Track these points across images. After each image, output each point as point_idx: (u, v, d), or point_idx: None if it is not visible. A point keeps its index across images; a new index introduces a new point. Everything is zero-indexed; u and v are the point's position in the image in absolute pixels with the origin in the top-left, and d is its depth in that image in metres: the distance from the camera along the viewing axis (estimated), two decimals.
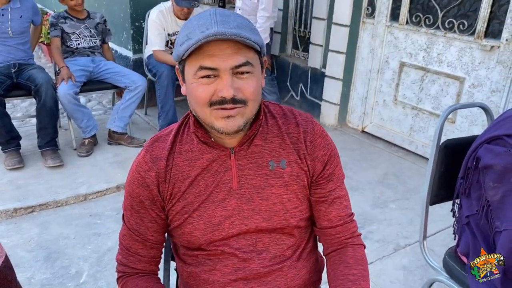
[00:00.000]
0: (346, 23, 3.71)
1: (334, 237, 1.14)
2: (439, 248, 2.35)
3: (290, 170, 1.05)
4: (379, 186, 3.08)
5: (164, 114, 3.58)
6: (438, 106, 3.31)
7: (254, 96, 0.97)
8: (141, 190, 1.05)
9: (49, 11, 6.37)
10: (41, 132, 3.17)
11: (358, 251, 1.13)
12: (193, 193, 1.04)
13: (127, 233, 1.10)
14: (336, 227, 1.12)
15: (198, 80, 0.94)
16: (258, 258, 1.07)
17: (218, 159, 1.04)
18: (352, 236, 1.15)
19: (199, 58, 0.93)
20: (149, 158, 1.05)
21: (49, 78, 3.18)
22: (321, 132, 1.10)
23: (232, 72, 0.93)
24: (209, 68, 0.93)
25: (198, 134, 1.04)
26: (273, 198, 1.05)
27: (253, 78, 0.96)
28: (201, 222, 1.04)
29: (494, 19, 2.90)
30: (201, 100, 0.95)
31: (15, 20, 3.23)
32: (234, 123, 0.96)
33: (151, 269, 1.14)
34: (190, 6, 3.34)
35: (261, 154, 1.05)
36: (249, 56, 0.95)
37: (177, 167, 1.04)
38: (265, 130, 1.06)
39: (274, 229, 1.06)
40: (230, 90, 0.92)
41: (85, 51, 3.52)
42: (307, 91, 4.29)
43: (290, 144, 1.06)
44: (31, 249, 2.37)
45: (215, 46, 0.91)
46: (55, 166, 3.12)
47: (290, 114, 1.11)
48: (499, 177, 1.21)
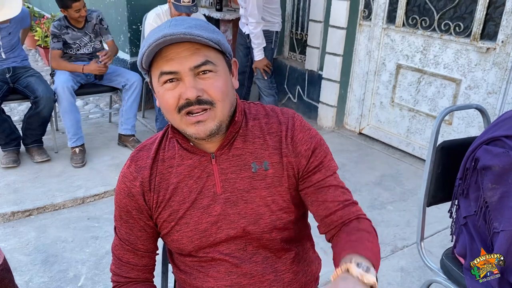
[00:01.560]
0: (342, 26, 3.72)
1: (337, 223, 1.04)
2: (436, 249, 2.36)
3: (273, 172, 1.03)
4: (377, 187, 3.09)
5: (161, 117, 3.58)
6: (435, 108, 3.33)
7: (221, 96, 0.95)
8: (127, 200, 1.05)
9: (46, 14, 6.36)
10: (28, 132, 3.23)
11: (363, 224, 1.03)
12: (177, 200, 1.03)
13: (118, 243, 1.10)
14: (336, 212, 1.03)
15: (162, 86, 0.94)
16: (249, 262, 1.06)
17: (199, 165, 1.03)
18: (358, 217, 1.04)
19: (159, 65, 0.93)
20: (133, 168, 1.06)
21: (50, 92, 3.16)
22: (301, 127, 1.06)
23: (194, 74, 0.93)
24: (169, 73, 0.92)
25: (178, 139, 1.03)
26: (258, 200, 1.03)
27: (217, 77, 0.95)
28: (188, 229, 1.04)
29: (489, 21, 2.91)
30: (169, 106, 0.95)
31: (5, 38, 3.24)
32: (206, 127, 0.94)
33: (145, 277, 1.14)
34: (189, 12, 3.34)
35: (243, 157, 1.03)
36: (209, 56, 0.94)
37: (160, 175, 1.04)
38: (245, 132, 1.04)
39: (262, 232, 1.05)
40: (192, 90, 0.91)
41: (83, 57, 3.52)
42: (304, 93, 4.30)
43: (272, 144, 1.04)
44: (28, 253, 2.36)
45: (172, 50, 0.91)
46: (42, 161, 3.20)
47: (272, 113, 1.08)
48: (498, 178, 1.21)
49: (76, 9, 3.25)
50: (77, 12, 3.27)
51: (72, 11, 3.26)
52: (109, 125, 4.07)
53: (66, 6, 3.23)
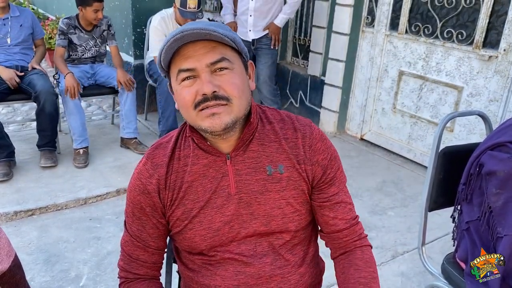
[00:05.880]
0: (346, 32, 3.74)
1: (341, 241, 1.14)
2: (436, 255, 2.37)
3: (288, 175, 1.05)
4: (378, 193, 3.10)
5: (164, 119, 3.59)
6: (437, 115, 3.34)
7: (238, 93, 0.97)
8: (142, 197, 1.06)
9: (50, 16, 6.39)
10: (40, 134, 3.22)
11: (366, 253, 1.13)
12: (191, 199, 1.04)
13: (129, 239, 1.11)
14: (343, 231, 1.12)
15: (180, 84, 0.97)
16: (259, 262, 1.07)
17: (214, 165, 1.04)
18: (359, 238, 1.14)
19: (177, 64, 0.97)
20: (150, 165, 1.06)
21: (49, 86, 3.17)
22: (320, 136, 1.09)
23: (210, 70, 0.95)
24: (186, 70, 0.95)
25: (194, 137, 1.04)
26: (271, 203, 1.04)
27: (233, 74, 0.97)
28: (201, 228, 1.05)
29: (492, 29, 2.93)
30: (186, 102, 0.97)
31: (15, 29, 3.26)
32: (220, 120, 0.95)
33: (153, 274, 1.15)
34: (194, 18, 3.37)
35: (258, 159, 1.05)
36: (225, 53, 0.97)
37: (176, 173, 1.05)
38: (261, 136, 1.06)
39: (272, 233, 1.06)
40: (209, 85, 0.93)
41: (87, 60, 3.54)
42: (306, 99, 4.31)
43: (288, 149, 1.06)
44: (30, 252, 2.37)
45: (190, 48, 0.95)
46: (46, 166, 3.15)
47: (288, 119, 1.10)
48: (502, 183, 1.22)
49: (95, 8, 3.25)
50: (95, 12, 3.26)
51: (91, 10, 3.24)
52: (111, 127, 4.09)
53: (87, 3, 3.21)
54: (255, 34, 3.65)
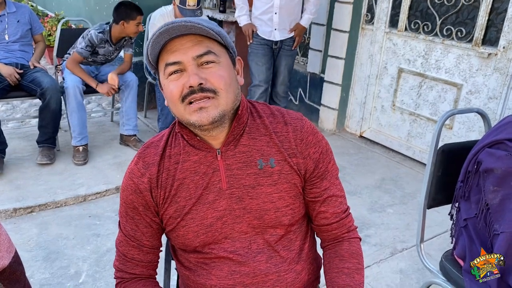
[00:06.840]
0: (345, 29, 3.74)
1: (330, 233, 1.16)
2: (435, 252, 2.38)
3: (279, 169, 1.05)
4: (377, 191, 3.10)
5: (163, 117, 3.60)
6: (436, 112, 3.35)
7: (224, 86, 0.97)
8: (134, 197, 1.07)
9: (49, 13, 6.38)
10: (41, 130, 3.22)
11: (353, 245, 1.15)
12: (184, 196, 1.04)
13: (123, 239, 1.11)
14: (332, 224, 1.14)
15: (168, 78, 0.98)
16: (253, 261, 1.06)
17: (205, 161, 1.04)
18: (349, 230, 1.16)
19: (164, 58, 0.98)
20: (141, 164, 1.07)
21: (55, 83, 3.19)
22: (311, 130, 1.09)
23: (197, 64, 0.96)
24: (173, 63, 0.97)
25: (183, 134, 1.05)
26: (263, 197, 1.04)
27: (219, 67, 0.98)
28: (193, 224, 1.05)
29: (491, 27, 2.94)
30: (173, 96, 0.98)
31: (13, 25, 3.25)
32: (208, 114, 0.96)
33: (149, 273, 1.15)
34: (193, 16, 3.36)
35: (249, 154, 1.05)
36: (212, 47, 0.98)
37: (167, 171, 1.05)
38: (252, 130, 1.06)
39: (266, 228, 1.06)
40: (195, 77, 0.94)
41: (97, 64, 3.54)
42: (305, 96, 4.32)
43: (279, 142, 1.06)
44: (30, 249, 2.37)
45: (176, 42, 0.96)
46: (42, 163, 3.15)
47: (278, 113, 1.10)
48: (500, 181, 1.23)
49: (138, 22, 3.21)
50: (137, 26, 3.23)
51: (134, 24, 3.20)
52: (111, 124, 4.09)
53: (131, 17, 3.17)
54: (281, 35, 3.46)
